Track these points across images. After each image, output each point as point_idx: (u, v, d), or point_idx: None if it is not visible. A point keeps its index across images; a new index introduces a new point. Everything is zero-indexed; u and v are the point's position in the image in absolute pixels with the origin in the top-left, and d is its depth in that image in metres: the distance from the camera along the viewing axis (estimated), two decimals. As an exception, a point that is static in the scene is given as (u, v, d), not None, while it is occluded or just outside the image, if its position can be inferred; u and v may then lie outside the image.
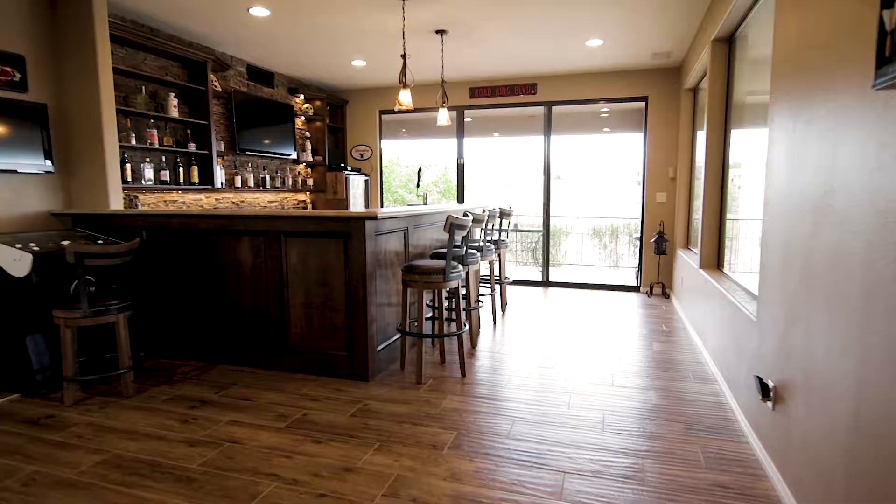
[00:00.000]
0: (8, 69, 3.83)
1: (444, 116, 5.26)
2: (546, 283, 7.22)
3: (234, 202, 6.00)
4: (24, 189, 3.90)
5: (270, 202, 6.64)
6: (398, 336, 3.93)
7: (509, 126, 9.76)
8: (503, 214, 5.32)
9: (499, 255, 5.46)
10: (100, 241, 3.69)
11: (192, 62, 5.21)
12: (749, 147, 3.87)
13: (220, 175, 5.54)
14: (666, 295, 6.48)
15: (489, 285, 5.41)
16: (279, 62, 6.31)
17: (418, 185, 5.92)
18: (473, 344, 4.34)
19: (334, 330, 3.58)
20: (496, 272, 5.87)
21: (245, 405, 3.14)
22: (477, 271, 4.40)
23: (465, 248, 3.93)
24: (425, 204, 5.73)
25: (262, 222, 3.67)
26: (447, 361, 3.97)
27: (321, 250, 3.55)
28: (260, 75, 6.35)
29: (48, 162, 3.96)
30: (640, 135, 9.23)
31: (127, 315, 3.31)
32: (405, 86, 4.28)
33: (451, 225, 3.38)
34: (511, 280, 5.85)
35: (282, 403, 3.17)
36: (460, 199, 7.37)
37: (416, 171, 5.89)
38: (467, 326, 4.03)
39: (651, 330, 4.90)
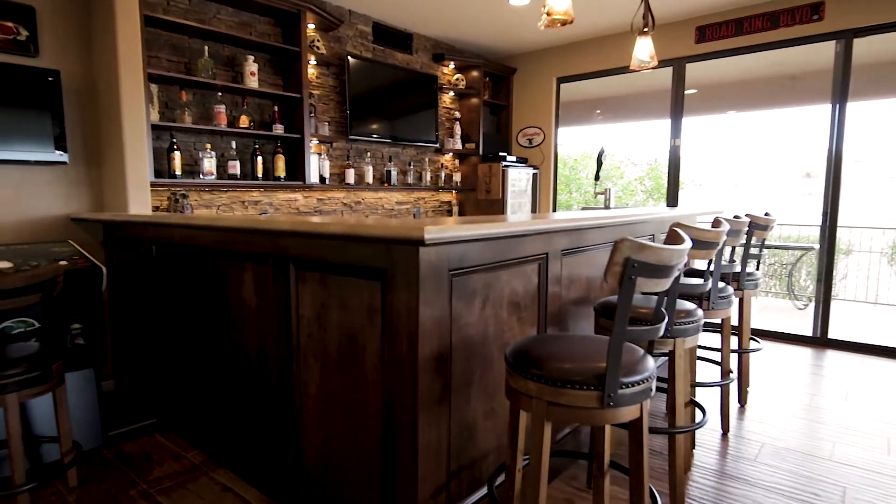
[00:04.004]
0: (9, 24, 2.85)
1: (644, 50, 3.00)
2: (822, 340, 4.31)
3: (345, 203, 4.58)
4: (28, 186, 2.89)
5: (400, 204, 5.10)
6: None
7: (754, 94, 6.75)
8: (755, 229, 2.84)
9: (741, 303, 3.00)
10: (63, 262, 2.43)
11: (287, 15, 3.88)
12: None
13: (316, 168, 4.12)
14: None
15: (717, 354, 2.97)
16: (419, 18, 4.71)
17: (597, 178, 3.74)
18: (676, 502, 2.06)
19: (363, 454, 1.73)
20: (734, 329, 3.34)
21: None
22: (692, 350, 2.13)
23: (668, 310, 1.72)
24: (607, 207, 3.54)
25: (262, 239, 2.00)
26: (613, 555, 1.80)
27: (343, 299, 1.73)
28: (391, 37, 4.84)
29: (59, 151, 2.88)
30: None
31: (29, 395, 1.94)
32: (556, -21, 2.21)
33: (628, 264, 1.23)
34: (757, 345, 3.29)
35: None
36: (672, 201, 4.89)
37: (597, 155, 3.73)
38: None
39: None
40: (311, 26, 4.10)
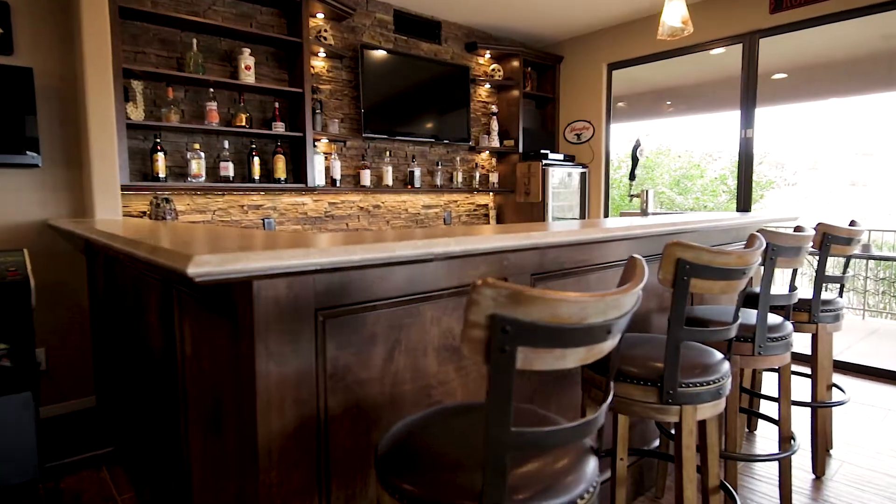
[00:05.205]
0: (-18, 21, 2.74)
1: (674, 14, 2.35)
2: (942, 382, 3.35)
3: (361, 207, 4.22)
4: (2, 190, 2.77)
5: (427, 207, 4.66)
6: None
7: (860, 75, 5.66)
8: (831, 244, 2.11)
9: (815, 340, 2.26)
10: (-9, 274, 2.23)
11: (291, 5, 3.58)
12: None
13: (322, 169, 3.79)
14: None
15: (774, 406, 2.24)
16: (448, 4, 4.27)
17: (632, 177, 3.09)
18: None
19: (235, 558, 1.31)
20: (799, 370, 2.57)
21: None
22: (726, 414, 1.51)
23: (670, 365, 1.16)
24: (645, 213, 2.90)
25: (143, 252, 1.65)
26: None
27: (211, 339, 1.34)
28: (416, 25, 4.42)
29: (31, 153, 2.73)
30: None
31: None
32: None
33: (495, 326, 0.72)
34: (842, 395, 2.52)
35: None
36: (743, 205, 4.08)
37: (632, 150, 3.06)
38: None
39: None
40: (320, 16, 3.78)
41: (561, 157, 4.95)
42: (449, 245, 1.17)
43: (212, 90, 3.32)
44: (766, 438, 2.65)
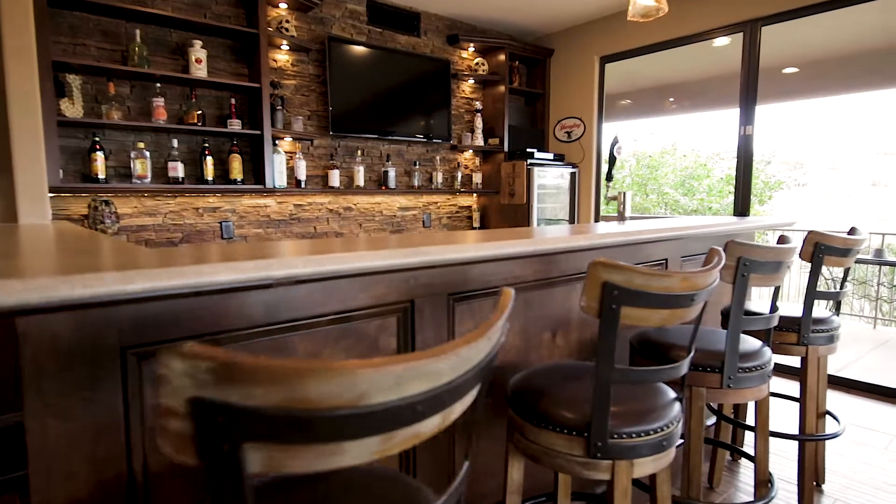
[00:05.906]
0: None
1: (642, -8, 2.07)
2: (958, 404, 3.02)
3: (331, 209, 3.98)
4: (-80, 191, 2.58)
5: (404, 209, 4.41)
6: None
7: (875, 69, 5.30)
8: (822, 254, 1.83)
9: (803, 365, 1.97)
10: None
11: (249, -7, 3.36)
12: None
13: (283, 169, 3.55)
14: None
15: (751, 443, 1.96)
16: (426, -7, 4.03)
17: (609, 177, 2.80)
18: None
19: None
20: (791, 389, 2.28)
21: None
22: (675, 467, 1.25)
23: (597, 412, 0.90)
24: (622, 218, 2.63)
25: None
26: None
27: (32, 379, 1.10)
28: (391, 17, 4.18)
29: (-45, 149, 2.54)
30: None
31: None
32: None
33: (230, 439, 0.47)
34: (837, 426, 2.23)
35: None
36: (740, 209, 3.78)
37: (609, 149, 2.77)
38: None
39: None
40: (283, 6, 3.55)
41: (550, 156, 4.68)
42: (294, 267, 0.92)
43: (159, 85, 3.11)
44: (751, 469, 2.36)
